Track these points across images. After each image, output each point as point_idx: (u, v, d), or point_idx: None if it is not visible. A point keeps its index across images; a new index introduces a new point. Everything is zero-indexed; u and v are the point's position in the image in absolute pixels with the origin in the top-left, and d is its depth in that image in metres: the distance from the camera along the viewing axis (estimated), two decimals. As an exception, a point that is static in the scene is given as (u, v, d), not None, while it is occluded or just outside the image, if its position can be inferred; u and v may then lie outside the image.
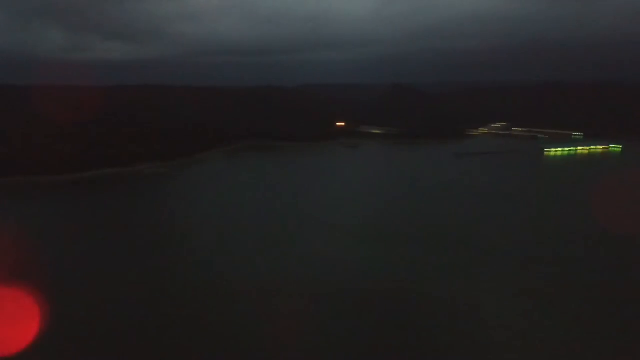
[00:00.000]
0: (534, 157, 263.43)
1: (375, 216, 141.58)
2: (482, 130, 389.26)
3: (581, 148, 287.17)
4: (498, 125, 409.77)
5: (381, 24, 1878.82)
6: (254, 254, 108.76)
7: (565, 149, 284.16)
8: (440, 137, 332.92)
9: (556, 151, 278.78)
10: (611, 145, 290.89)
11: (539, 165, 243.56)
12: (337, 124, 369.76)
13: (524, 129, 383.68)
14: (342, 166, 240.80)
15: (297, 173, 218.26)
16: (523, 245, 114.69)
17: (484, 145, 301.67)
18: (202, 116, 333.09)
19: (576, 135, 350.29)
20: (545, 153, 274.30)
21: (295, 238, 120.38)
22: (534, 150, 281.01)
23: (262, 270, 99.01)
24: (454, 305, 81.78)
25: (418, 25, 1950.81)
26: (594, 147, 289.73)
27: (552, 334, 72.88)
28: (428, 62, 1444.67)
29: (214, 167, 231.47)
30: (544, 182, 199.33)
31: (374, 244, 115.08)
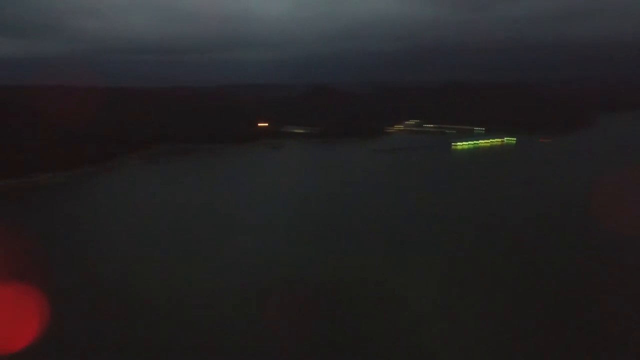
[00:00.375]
0: (444, 150, 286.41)
1: (301, 214, 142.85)
2: (397, 127, 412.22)
3: (483, 141, 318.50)
4: (411, 122, 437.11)
5: (298, 25, 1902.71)
6: (156, 268, 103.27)
7: (470, 142, 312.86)
8: (360, 135, 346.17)
9: (462, 145, 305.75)
10: (507, 138, 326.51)
11: (448, 157, 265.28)
12: (260, 124, 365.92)
13: (434, 126, 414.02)
14: (265, 167, 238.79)
15: (218, 176, 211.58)
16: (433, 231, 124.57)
17: (401, 142, 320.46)
18: (113, 118, 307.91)
19: (478, 130, 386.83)
20: (453, 147, 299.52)
21: (212, 243, 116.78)
22: (443, 144, 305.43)
23: (173, 280, 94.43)
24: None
25: (333, 27, 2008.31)
26: (493, 140, 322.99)
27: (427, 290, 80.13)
28: (345, 62, 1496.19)
29: (124, 175, 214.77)
30: (456, 172, 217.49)
31: (292, 241, 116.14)
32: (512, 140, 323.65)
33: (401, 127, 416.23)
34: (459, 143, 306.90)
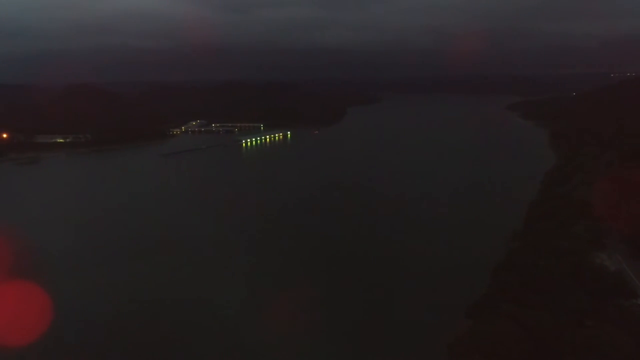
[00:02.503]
0: (233, 148, 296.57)
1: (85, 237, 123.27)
2: (182, 128, 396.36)
3: (266, 136, 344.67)
4: (195, 123, 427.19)
5: (34, 14, 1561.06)
6: None
7: (255, 138, 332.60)
8: (140, 139, 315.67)
9: (249, 141, 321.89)
10: (286, 132, 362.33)
11: (239, 153, 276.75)
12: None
13: (220, 125, 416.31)
14: (23, 189, 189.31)
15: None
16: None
17: (189, 143, 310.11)
18: None
19: (260, 126, 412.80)
20: (241, 144, 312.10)
21: None
22: (232, 142, 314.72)
23: None
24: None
25: (84, 18, 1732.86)
26: (274, 135, 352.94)
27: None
28: (108, 60, 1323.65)
29: None
30: (252, 166, 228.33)
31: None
32: (288, 134, 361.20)
33: (185, 128, 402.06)
34: (246, 139, 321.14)
